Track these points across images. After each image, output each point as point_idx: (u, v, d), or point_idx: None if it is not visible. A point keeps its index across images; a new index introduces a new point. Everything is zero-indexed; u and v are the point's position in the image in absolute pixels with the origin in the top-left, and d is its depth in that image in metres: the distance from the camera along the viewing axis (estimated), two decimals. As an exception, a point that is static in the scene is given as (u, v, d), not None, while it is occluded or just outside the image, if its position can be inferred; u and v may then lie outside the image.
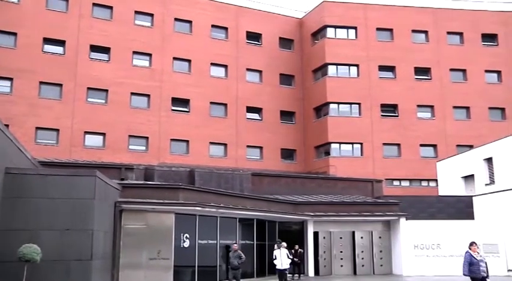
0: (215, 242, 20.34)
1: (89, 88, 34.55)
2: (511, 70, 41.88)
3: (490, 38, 42.44)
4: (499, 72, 41.90)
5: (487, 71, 41.70)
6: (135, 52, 36.57)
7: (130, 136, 35.29)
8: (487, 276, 12.99)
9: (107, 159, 31.53)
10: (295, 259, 22.43)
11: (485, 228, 25.72)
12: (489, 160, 30.70)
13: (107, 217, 15.56)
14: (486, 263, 13.07)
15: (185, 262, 18.92)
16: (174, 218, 18.27)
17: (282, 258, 18.27)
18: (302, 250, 23.71)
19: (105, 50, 35.59)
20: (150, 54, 37.11)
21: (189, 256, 19.07)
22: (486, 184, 30.49)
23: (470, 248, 13.16)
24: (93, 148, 33.74)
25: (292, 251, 22.39)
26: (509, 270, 24.97)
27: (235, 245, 17.91)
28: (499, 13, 42.74)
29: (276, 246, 18.89)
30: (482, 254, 13.41)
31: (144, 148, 35.75)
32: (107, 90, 35.08)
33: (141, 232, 17.57)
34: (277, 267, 18.46)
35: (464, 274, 13.08)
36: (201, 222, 19.70)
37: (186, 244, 18.95)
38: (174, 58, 37.93)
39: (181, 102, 37.62)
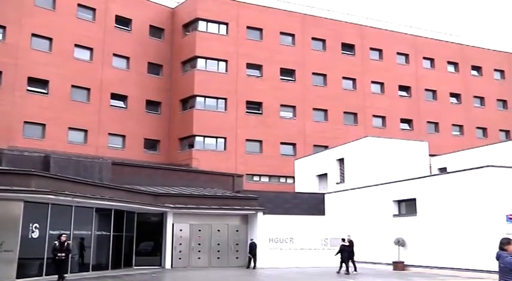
0: (69, 232, 19.27)
1: None
2: (364, 78, 45.65)
3: (348, 47, 45.80)
4: (354, 80, 45.42)
5: (344, 77, 44.98)
6: (-13, 23, 33.19)
7: (-24, 115, 31.99)
8: None
9: None
10: (59, 254, 16.44)
11: (334, 223, 27.80)
12: (341, 161, 33.15)
13: None
14: None
15: (33, 254, 17.64)
16: (23, 206, 16.93)
17: None
18: (70, 242, 18.03)
19: (-49, 17, 31.82)
20: (4, 27, 33.88)
21: (38, 247, 17.80)
22: (337, 183, 32.87)
23: (503, 248, 7.74)
24: None
25: (56, 243, 16.67)
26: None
27: None
28: (357, 26, 46.30)
29: None
30: None
31: (-9, 129, 32.60)
32: (-50, 62, 31.43)
33: (-17, 221, 16.00)
34: None
35: None
36: (54, 211, 18.54)
37: (35, 234, 17.68)
38: (33, 35, 35.09)
39: (39, 82, 34.94)
